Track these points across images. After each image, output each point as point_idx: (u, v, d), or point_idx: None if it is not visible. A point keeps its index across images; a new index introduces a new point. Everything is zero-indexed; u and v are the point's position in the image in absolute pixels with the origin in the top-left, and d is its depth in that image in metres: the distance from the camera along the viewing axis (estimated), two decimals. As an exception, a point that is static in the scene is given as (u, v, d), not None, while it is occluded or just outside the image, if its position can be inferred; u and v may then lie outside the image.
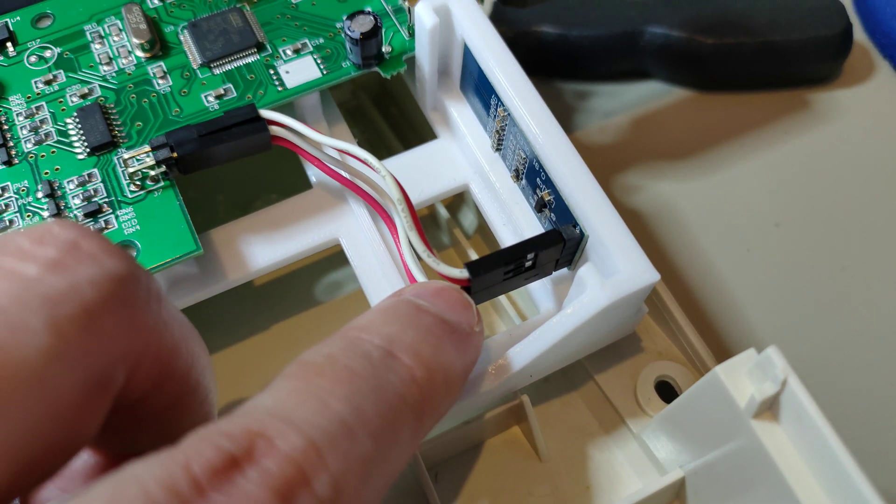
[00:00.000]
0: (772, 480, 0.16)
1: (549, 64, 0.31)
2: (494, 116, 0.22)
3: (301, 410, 0.13)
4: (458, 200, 0.27)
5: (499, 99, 0.21)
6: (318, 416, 0.13)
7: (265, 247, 0.23)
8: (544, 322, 0.22)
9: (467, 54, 0.22)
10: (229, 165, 0.23)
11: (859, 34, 0.32)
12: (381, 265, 0.22)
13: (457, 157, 0.24)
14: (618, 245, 0.19)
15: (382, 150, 0.28)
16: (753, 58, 0.30)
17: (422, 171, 0.24)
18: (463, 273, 0.19)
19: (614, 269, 0.19)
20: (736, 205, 0.28)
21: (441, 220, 0.27)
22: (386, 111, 0.29)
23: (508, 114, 0.21)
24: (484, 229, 0.26)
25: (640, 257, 0.19)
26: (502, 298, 0.24)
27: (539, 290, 0.23)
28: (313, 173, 0.24)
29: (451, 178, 0.24)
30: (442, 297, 0.18)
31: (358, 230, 0.23)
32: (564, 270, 0.21)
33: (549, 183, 0.20)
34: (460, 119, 0.24)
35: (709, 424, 0.18)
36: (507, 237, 0.23)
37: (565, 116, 0.31)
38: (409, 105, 0.28)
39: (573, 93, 0.31)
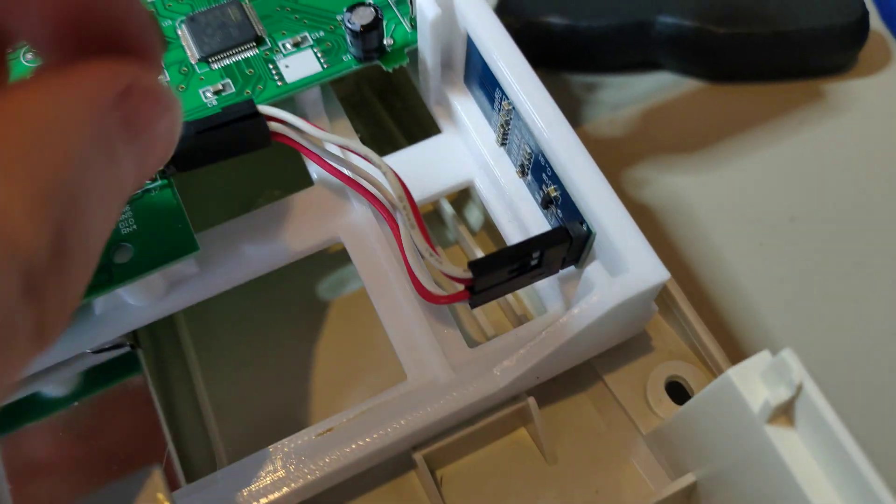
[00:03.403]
0: (787, 489, 0.15)
1: (556, 55, 0.30)
2: (499, 110, 0.21)
3: None
4: (464, 196, 0.27)
5: (503, 92, 0.21)
6: None
7: (265, 246, 0.22)
8: (552, 322, 0.21)
9: (471, 46, 0.22)
10: (230, 162, 0.23)
11: (876, 22, 0.31)
12: (384, 264, 0.22)
13: (461, 152, 0.23)
14: (626, 243, 0.18)
15: (387, 145, 0.28)
16: (766, 47, 0.29)
17: (425, 167, 0.23)
18: (466, 273, 0.18)
19: (623, 268, 0.18)
20: (749, 199, 0.28)
21: (446, 217, 0.26)
22: (390, 105, 0.28)
23: (513, 107, 0.20)
24: (490, 225, 0.26)
25: (650, 255, 0.18)
26: (509, 297, 0.24)
27: (546, 288, 0.22)
28: (314, 170, 0.23)
29: (455, 174, 0.23)
30: None
31: (360, 229, 0.22)
32: (572, 268, 0.21)
33: (555, 178, 0.20)
34: (464, 113, 0.23)
35: (721, 429, 0.17)
36: (513, 234, 0.22)
37: (574, 109, 0.30)
38: (413, 98, 0.27)
39: (582, 85, 0.31)
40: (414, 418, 0.19)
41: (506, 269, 0.19)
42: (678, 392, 0.21)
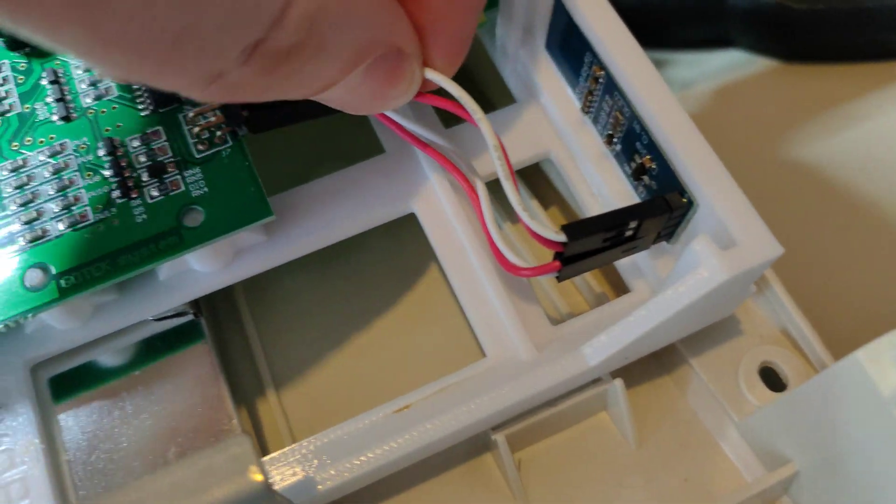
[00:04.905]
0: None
1: (624, 30, 0.29)
2: (587, 76, 0.20)
3: None
4: (534, 170, 0.25)
5: (594, 56, 0.19)
6: None
7: (335, 215, 0.21)
8: (640, 301, 0.20)
9: (558, 7, 0.20)
10: (294, 127, 0.22)
11: (958, 3, 0.30)
12: (460, 237, 0.21)
13: (539, 122, 0.22)
14: (735, 215, 0.17)
15: (452, 117, 0.26)
16: (847, 25, 0.28)
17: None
18: (559, 236, 0.17)
19: (730, 241, 0.17)
20: (828, 182, 0.26)
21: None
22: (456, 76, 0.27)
23: (607, 72, 0.19)
24: (562, 203, 0.25)
25: (762, 228, 0.17)
26: (587, 275, 0.23)
27: (628, 267, 0.21)
28: (385, 137, 0.22)
29: (532, 145, 0.22)
30: None
31: (434, 199, 0.21)
32: (661, 245, 0.20)
33: (651, 147, 0.19)
34: (545, 80, 0.22)
35: (840, 414, 0.16)
36: (594, 208, 0.21)
37: (640, 86, 0.29)
38: (480, 67, 0.26)
39: (650, 61, 0.30)
40: (496, 397, 0.18)
41: (600, 236, 0.17)
42: (771, 378, 0.20)
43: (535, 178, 0.25)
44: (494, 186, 0.24)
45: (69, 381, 0.20)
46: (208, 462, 0.13)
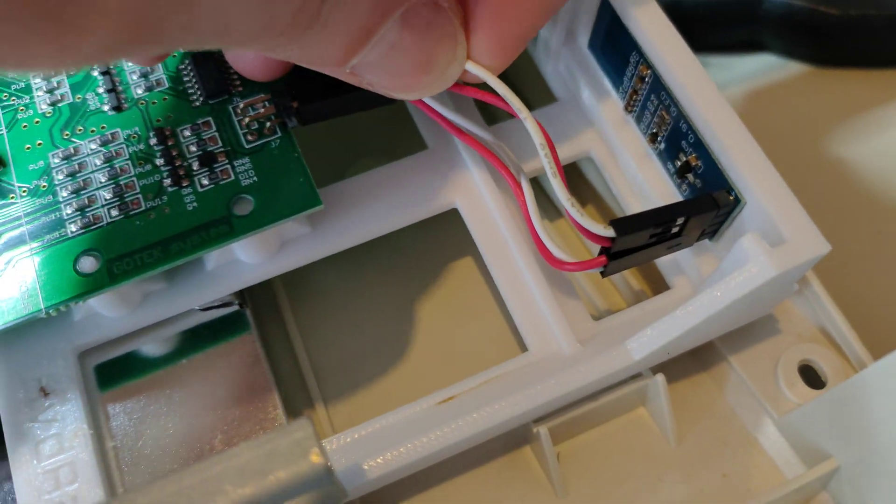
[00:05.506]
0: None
1: (656, 33, 0.29)
2: (632, 75, 0.20)
3: None
4: (569, 169, 0.26)
5: (641, 55, 0.20)
6: None
7: (378, 209, 0.21)
8: (680, 298, 0.20)
9: (603, 8, 0.21)
10: (339, 123, 0.22)
11: None
12: (503, 231, 0.21)
13: (580, 121, 0.23)
14: (784, 212, 0.17)
15: (488, 118, 0.27)
16: (880, 32, 0.28)
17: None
18: (608, 231, 0.17)
19: (778, 238, 0.17)
20: (862, 186, 0.27)
21: (550, 191, 0.25)
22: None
23: (653, 71, 0.19)
24: (598, 200, 0.25)
25: (809, 225, 0.17)
26: (625, 272, 0.23)
27: (669, 264, 0.21)
28: (428, 133, 0.22)
29: (573, 144, 0.22)
30: None
31: (477, 194, 0.21)
32: (704, 242, 0.20)
33: (697, 146, 0.19)
34: (588, 79, 0.22)
35: (885, 410, 0.16)
36: (634, 206, 0.22)
37: (672, 88, 0.29)
38: (519, 65, 0.26)
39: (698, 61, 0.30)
40: (542, 389, 0.18)
41: (648, 231, 0.18)
42: (811, 376, 0.20)
43: (571, 176, 0.25)
44: (533, 183, 0.24)
45: (115, 369, 0.20)
46: (273, 445, 0.14)
